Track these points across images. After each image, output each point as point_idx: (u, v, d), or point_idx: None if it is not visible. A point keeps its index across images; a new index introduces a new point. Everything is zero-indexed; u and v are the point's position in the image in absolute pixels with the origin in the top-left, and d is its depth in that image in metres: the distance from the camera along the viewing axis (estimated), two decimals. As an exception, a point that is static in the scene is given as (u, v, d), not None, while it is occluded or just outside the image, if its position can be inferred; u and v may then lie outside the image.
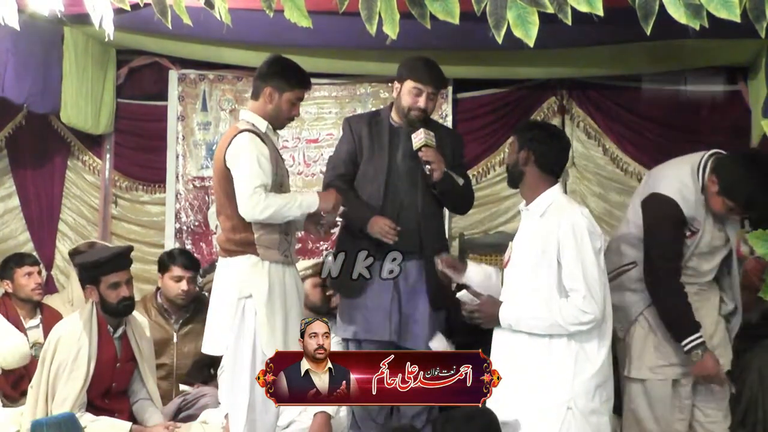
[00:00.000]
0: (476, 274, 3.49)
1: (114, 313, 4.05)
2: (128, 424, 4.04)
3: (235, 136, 3.52)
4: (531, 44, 2.32)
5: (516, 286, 3.27)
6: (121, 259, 4.08)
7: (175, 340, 4.62)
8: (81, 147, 5.87)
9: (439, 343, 3.37)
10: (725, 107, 5.39)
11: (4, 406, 4.42)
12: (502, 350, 3.24)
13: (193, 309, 4.70)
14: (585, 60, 5.15)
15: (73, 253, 5.08)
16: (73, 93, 5.28)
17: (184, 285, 4.64)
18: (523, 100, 5.65)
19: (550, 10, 2.27)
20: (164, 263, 4.70)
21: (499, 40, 2.32)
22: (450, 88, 5.59)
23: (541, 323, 3.15)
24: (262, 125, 3.59)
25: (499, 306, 3.24)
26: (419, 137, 3.88)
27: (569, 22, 2.26)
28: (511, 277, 3.31)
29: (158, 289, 4.76)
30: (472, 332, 3.88)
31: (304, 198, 3.59)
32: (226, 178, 3.54)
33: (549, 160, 3.28)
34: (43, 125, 5.67)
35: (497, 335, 3.32)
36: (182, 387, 4.55)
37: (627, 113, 5.55)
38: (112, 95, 5.75)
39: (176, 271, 4.64)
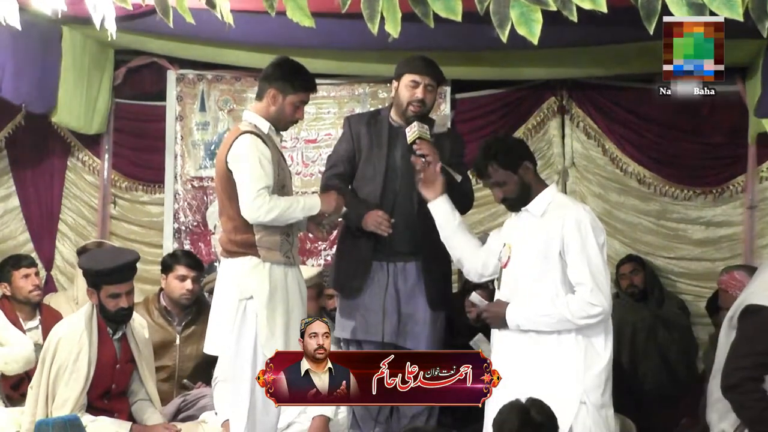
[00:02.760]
0: None
1: (111, 320, 4.04)
2: (128, 424, 4.04)
3: (237, 137, 3.51)
4: (535, 42, 2.32)
5: (519, 286, 3.26)
6: (125, 271, 4.02)
7: (177, 342, 4.60)
8: (80, 147, 5.86)
9: (483, 344, 3.36)
10: (725, 107, 5.38)
11: (5, 406, 4.41)
12: (508, 350, 3.24)
13: (195, 311, 4.68)
14: (585, 60, 5.15)
15: (80, 252, 5.07)
16: (67, 93, 5.25)
17: (188, 284, 4.62)
18: (522, 101, 5.66)
19: (553, 7, 2.27)
20: (168, 264, 4.69)
21: (504, 39, 2.32)
22: (448, 89, 5.59)
23: (549, 320, 3.16)
24: (264, 126, 3.58)
25: (506, 307, 3.24)
26: (413, 130, 3.82)
27: (575, 19, 2.25)
28: (512, 276, 3.31)
29: (161, 290, 4.73)
30: (474, 333, 3.89)
31: (307, 200, 3.60)
32: (227, 179, 3.53)
33: (532, 160, 3.38)
34: (43, 125, 5.64)
35: (498, 334, 3.31)
36: (185, 381, 4.55)
37: (627, 113, 5.55)
38: (107, 96, 5.72)
39: (181, 270, 4.63)
